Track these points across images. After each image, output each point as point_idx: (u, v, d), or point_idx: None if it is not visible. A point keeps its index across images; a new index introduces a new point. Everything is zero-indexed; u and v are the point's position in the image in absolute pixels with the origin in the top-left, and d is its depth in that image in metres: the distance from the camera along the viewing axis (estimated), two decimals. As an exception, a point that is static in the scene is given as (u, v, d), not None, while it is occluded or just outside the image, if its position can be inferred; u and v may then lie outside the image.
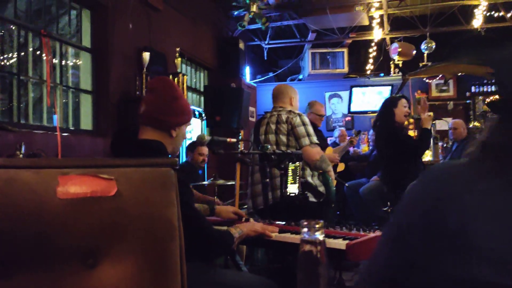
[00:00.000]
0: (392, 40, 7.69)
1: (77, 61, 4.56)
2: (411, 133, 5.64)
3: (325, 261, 0.55)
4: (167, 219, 0.97)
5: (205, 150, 4.35)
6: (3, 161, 0.85)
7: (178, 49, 5.41)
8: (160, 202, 0.97)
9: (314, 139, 2.95)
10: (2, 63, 3.76)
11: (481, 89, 7.90)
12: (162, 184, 0.99)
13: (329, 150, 4.75)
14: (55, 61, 4.23)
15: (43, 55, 4.01)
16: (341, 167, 5.32)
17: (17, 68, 3.81)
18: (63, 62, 4.38)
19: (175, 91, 1.82)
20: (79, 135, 4.31)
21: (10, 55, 3.82)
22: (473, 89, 7.92)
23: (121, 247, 0.91)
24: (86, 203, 0.87)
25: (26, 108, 3.93)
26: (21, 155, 3.17)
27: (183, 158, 4.92)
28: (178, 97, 1.82)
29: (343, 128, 6.73)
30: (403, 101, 3.72)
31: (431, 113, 3.85)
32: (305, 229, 0.55)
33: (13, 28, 3.82)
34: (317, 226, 0.56)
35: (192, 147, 4.55)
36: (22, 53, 3.89)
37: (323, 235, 0.55)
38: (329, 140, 7.44)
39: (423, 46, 7.38)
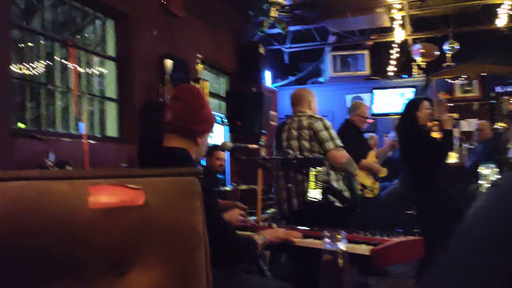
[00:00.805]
0: (414, 41, 7.61)
1: (102, 69, 4.66)
2: (436, 135, 5.56)
3: (348, 269, 0.56)
4: (192, 228, 1.00)
5: (222, 154, 4.34)
6: (37, 173, 0.90)
7: (199, 55, 5.47)
8: (185, 211, 1.00)
9: (338, 142, 2.94)
10: (31, 72, 3.87)
11: (506, 89, 7.74)
12: (187, 193, 1.02)
13: (372, 154, 4.71)
14: (81, 70, 4.34)
15: (69, 64, 4.11)
16: (383, 172, 5.26)
17: (45, 77, 3.92)
18: (89, 71, 4.48)
19: (201, 99, 1.85)
20: (105, 142, 4.41)
21: (38, 65, 3.94)
22: (497, 89, 7.77)
23: (149, 255, 0.93)
24: (115, 213, 0.91)
25: (53, 116, 4.04)
26: (49, 163, 3.26)
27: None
28: (204, 105, 1.85)
29: (373, 134, 6.66)
30: (425, 103, 3.68)
31: (455, 114, 3.81)
32: (327, 239, 0.57)
33: (41, 38, 3.93)
34: (338, 236, 0.57)
35: (209, 152, 4.51)
36: (49, 63, 4.00)
37: (345, 244, 0.57)
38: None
39: (446, 47, 7.29)
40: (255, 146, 2.22)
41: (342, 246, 0.56)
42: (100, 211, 0.89)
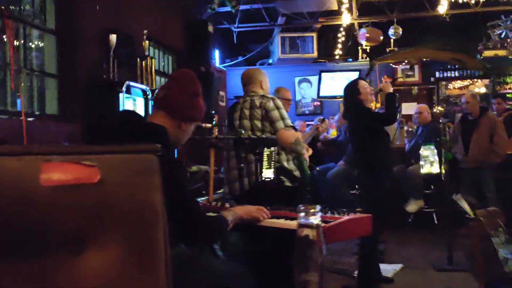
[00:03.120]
0: (360, 25, 7.77)
1: (41, 43, 4.41)
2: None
3: (322, 243, 0.56)
4: (150, 205, 0.97)
5: None
6: (-18, 148, 0.83)
7: (146, 31, 5.31)
8: (143, 188, 0.97)
9: (289, 122, 2.97)
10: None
11: (445, 74, 8.12)
12: (145, 170, 0.98)
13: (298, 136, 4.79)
14: (17, 43, 4.07)
15: (4, 36, 3.85)
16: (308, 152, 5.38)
17: (-22, 50, 3.66)
18: (27, 45, 4.22)
19: (197, 88, 1.86)
20: (44, 120, 4.19)
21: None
22: (437, 74, 8.13)
23: (106, 234, 0.90)
24: (70, 191, 0.86)
25: (-12, 92, 3.78)
26: (-15, 141, 3.07)
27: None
28: (199, 95, 1.86)
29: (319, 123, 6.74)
30: (362, 83, 3.71)
31: (385, 76, 3.95)
32: (302, 214, 0.57)
33: (-27, 7, 3.65)
34: (312, 210, 0.57)
35: None
36: (-17, 34, 3.73)
37: (319, 219, 0.57)
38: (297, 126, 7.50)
39: (390, 32, 7.50)
40: (208, 125, 2.19)
41: (315, 220, 0.56)
42: (53, 188, 0.84)
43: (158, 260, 0.98)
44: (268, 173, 2.31)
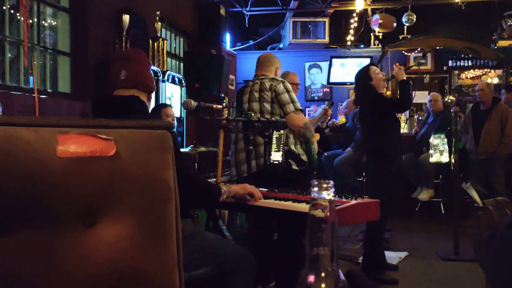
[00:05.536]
0: (374, 11, 7.67)
1: (54, 21, 4.41)
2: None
3: (334, 220, 0.57)
4: (164, 181, 0.98)
5: (171, 111, 4.10)
6: (1, 118, 0.84)
7: (158, 12, 5.29)
8: (157, 164, 0.98)
9: (298, 105, 2.96)
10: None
11: (458, 63, 8.02)
12: (159, 146, 1.00)
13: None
14: (31, 20, 4.08)
15: (18, 14, 3.86)
16: (316, 137, 5.36)
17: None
18: (41, 22, 4.23)
19: (148, 60, 2.06)
20: (56, 98, 4.22)
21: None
22: (450, 63, 8.03)
23: (119, 207, 0.92)
24: (85, 163, 0.88)
25: (2, 68, 3.81)
26: (-2, 117, 3.10)
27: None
28: (150, 66, 2.05)
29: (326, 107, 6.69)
30: (373, 68, 3.69)
31: (397, 64, 3.91)
32: (315, 188, 0.57)
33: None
34: (325, 185, 0.58)
35: (157, 110, 4.24)
36: (-3, 11, 3.74)
37: (332, 194, 0.58)
38: (307, 113, 7.49)
39: (404, 19, 7.40)
40: (219, 106, 2.20)
41: (328, 195, 0.57)
42: (68, 160, 0.86)
43: (170, 235, 1.00)
44: (276, 156, 2.32)
